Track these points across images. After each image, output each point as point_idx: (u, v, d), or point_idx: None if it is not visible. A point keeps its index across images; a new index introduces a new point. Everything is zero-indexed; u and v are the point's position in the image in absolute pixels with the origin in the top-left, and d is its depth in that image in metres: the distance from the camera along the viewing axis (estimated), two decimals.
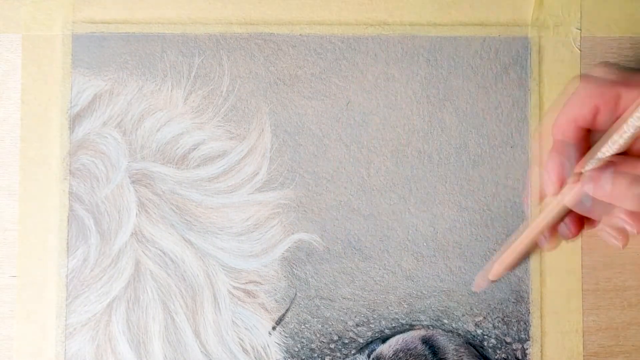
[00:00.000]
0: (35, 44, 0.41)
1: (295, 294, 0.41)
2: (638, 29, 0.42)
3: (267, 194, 0.41)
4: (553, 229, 0.34)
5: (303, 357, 0.41)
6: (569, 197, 0.32)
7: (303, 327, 0.41)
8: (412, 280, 0.41)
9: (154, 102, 0.41)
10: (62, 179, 0.41)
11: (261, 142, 0.41)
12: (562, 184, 0.33)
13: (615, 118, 0.32)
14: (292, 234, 0.41)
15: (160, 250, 0.41)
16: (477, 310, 0.41)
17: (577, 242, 0.41)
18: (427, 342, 0.40)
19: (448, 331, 0.41)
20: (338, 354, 0.41)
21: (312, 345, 0.41)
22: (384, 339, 0.40)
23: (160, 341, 0.40)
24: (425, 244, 0.41)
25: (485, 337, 0.41)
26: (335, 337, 0.41)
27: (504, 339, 0.41)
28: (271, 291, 0.41)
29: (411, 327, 0.41)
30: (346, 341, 0.41)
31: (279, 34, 0.42)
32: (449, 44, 0.42)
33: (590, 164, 0.32)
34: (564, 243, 0.35)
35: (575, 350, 0.41)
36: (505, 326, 0.41)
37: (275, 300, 0.41)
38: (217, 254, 0.41)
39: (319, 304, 0.41)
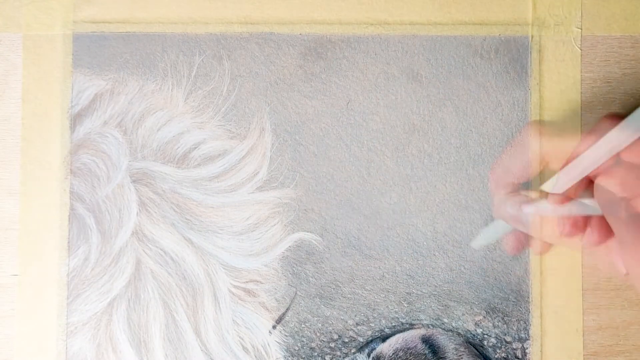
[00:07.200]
0: (36, 43, 0.41)
1: (296, 293, 0.41)
2: (639, 28, 0.42)
3: (267, 193, 0.41)
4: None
5: (303, 356, 0.41)
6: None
7: (303, 326, 0.41)
8: (412, 279, 0.41)
9: (154, 102, 0.41)
10: (63, 178, 0.41)
11: (261, 141, 0.42)
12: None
13: None
14: (293, 233, 0.41)
15: (161, 249, 0.41)
16: (477, 309, 0.41)
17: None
18: (427, 341, 0.40)
19: (448, 330, 0.41)
20: (338, 353, 0.41)
21: (312, 344, 0.41)
22: (384, 338, 0.41)
23: (160, 340, 0.40)
24: (425, 243, 0.41)
25: (485, 336, 0.41)
26: (336, 336, 0.41)
27: (504, 338, 0.41)
28: (271, 290, 0.41)
29: (411, 326, 0.41)
30: (346, 340, 0.41)
31: (279, 34, 0.42)
32: (449, 43, 0.42)
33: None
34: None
35: (575, 350, 0.41)
36: (505, 325, 0.41)
37: (276, 299, 0.41)
38: (217, 253, 0.41)
39: (319, 302, 0.41)
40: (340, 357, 0.41)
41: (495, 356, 0.41)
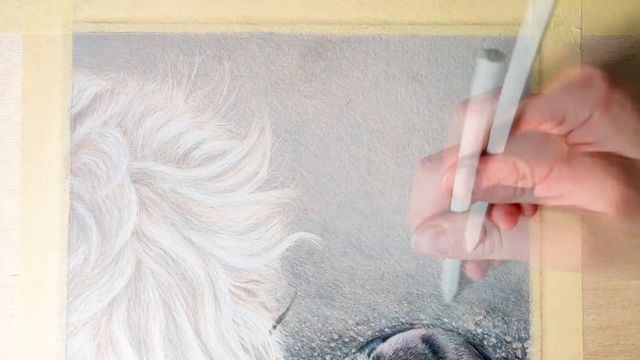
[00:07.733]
0: (36, 43, 0.41)
1: (296, 293, 0.41)
2: (638, 28, 0.42)
3: (267, 193, 0.41)
4: None
5: (303, 356, 0.41)
6: None
7: (303, 325, 0.41)
8: (412, 279, 0.41)
9: (154, 102, 0.42)
10: (63, 178, 0.41)
11: (262, 141, 0.42)
12: None
13: None
14: (293, 232, 0.41)
15: (161, 249, 0.41)
16: (477, 309, 0.41)
17: (578, 241, 0.41)
18: (427, 341, 0.40)
19: (448, 330, 0.41)
20: (338, 353, 0.41)
21: (313, 344, 0.41)
22: (384, 338, 0.41)
23: (160, 340, 0.40)
24: None
25: (486, 336, 0.41)
26: (336, 336, 0.41)
27: (504, 338, 0.41)
28: (272, 290, 0.41)
29: (411, 326, 0.41)
30: (346, 340, 0.41)
31: (279, 34, 0.42)
32: (449, 43, 0.42)
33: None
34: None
35: (575, 350, 0.41)
36: (505, 325, 0.41)
37: (276, 299, 0.41)
38: (217, 253, 0.41)
39: (319, 302, 0.41)
40: (340, 357, 0.41)
41: (496, 356, 0.41)
